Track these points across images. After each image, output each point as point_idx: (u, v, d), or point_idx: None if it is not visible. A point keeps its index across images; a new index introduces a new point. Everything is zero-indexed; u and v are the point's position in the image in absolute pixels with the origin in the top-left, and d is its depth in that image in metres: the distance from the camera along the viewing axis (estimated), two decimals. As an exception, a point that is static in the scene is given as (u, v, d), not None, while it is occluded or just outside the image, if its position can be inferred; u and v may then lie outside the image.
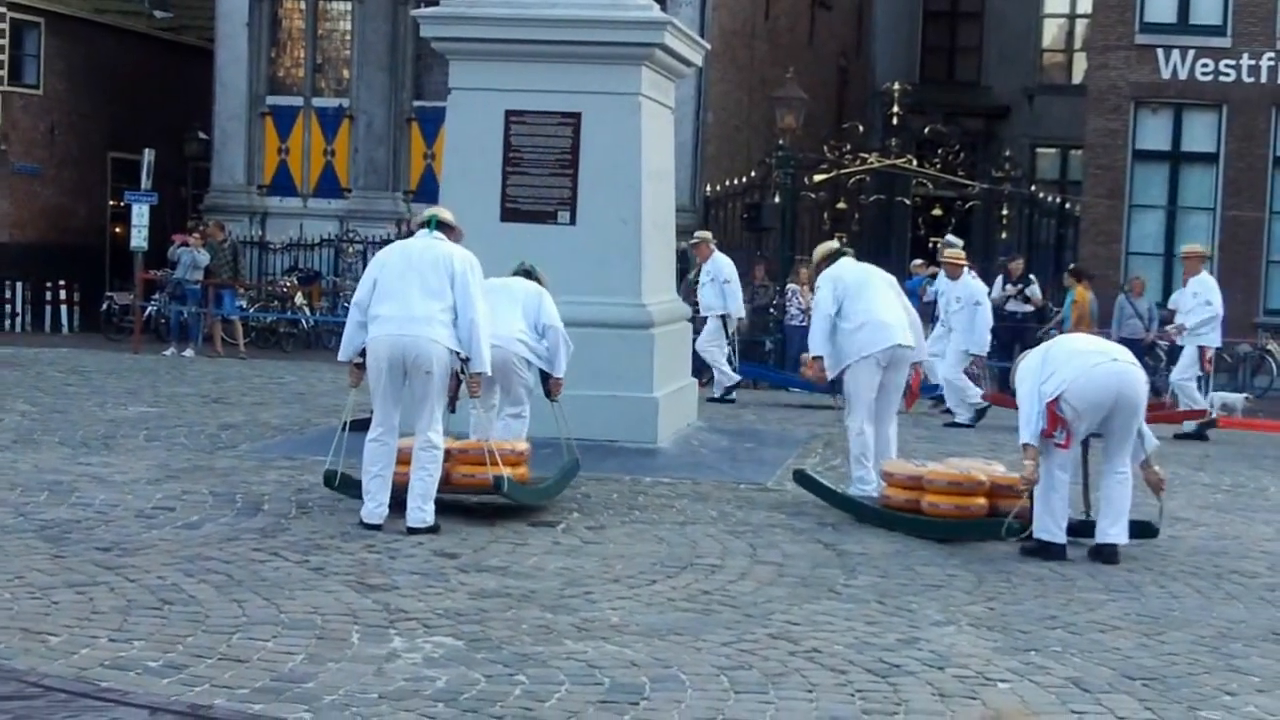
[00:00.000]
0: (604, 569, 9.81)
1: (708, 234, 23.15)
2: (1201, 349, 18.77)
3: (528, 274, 12.61)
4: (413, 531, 10.51)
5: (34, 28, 37.24)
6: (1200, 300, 18.81)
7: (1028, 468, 10.74)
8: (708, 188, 33.46)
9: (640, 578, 9.63)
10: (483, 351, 10.77)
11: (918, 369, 13.83)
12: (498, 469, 11.04)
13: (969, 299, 19.02)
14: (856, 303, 12.71)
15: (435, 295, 10.75)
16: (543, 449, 12.48)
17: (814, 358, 12.89)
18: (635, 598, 9.09)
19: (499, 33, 15.42)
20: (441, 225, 11.30)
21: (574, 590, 9.17)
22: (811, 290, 17.52)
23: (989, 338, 19.44)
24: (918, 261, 28.36)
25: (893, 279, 13.38)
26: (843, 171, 32.57)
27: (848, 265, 13.11)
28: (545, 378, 12.26)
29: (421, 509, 10.66)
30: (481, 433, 11.72)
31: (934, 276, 26.85)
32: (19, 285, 34.91)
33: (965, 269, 19.61)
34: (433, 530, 10.57)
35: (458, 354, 10.72)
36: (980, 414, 18.99)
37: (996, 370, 22.25)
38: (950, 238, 18.65)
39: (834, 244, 13.88)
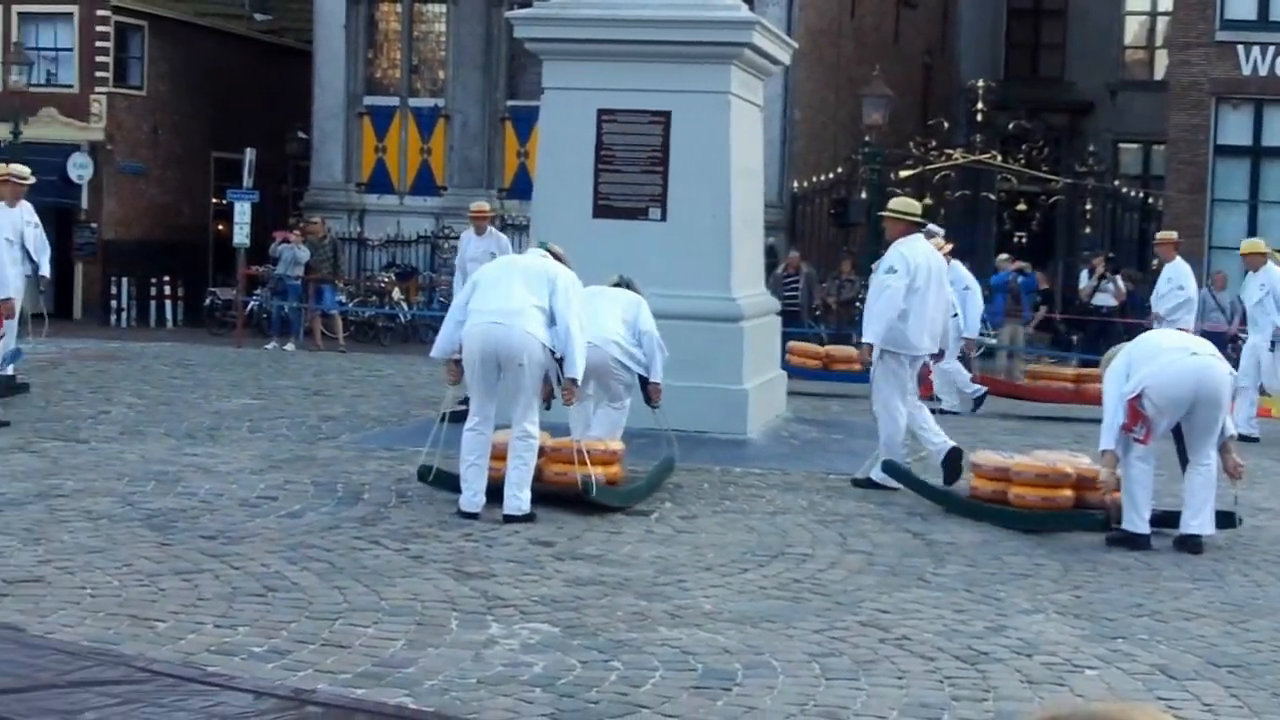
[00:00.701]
0: (696, 557, 9.95)
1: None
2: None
3: (627, 285, 12.76)
4: (509, 520, 10.69)
5: (138, 31, 37.74)
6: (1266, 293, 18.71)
7: (1105, 474, 10.81)
8: (795, 184, 33.50)
9: (732, 566, 9.76)
10: (577, 358, 10.92)
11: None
12: (587, 469, 11.19)
13: (959, 284, 18.97)
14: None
15: (533, 293, 10.94)
16: (639, 439, 12.67)
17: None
18: (727, 585, 9.22)
19: (591, 33, 15.60)
20: (551, 253, 11.50)
21: (667, 578, 9.31)
22: None
23: (979, 323, 19.53)
24: (1004, 256, 28.33)
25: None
26: (928, 167, 32.53)
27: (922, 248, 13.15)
28: (644, 384, 12.41)
29: (518, 497, 10.84)
30: (580, 427, 11.89)
31: (1021, 271, 26.84)
32: (125, 281, 35.41)
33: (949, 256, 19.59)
34: (529, 518, 10.75)
35: (552, 351, 10.88)
36: (979, 402, 18.93)
37: (1078, 362, 22.21)
38: (931, 227, 18.63)
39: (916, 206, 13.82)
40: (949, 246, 19.60)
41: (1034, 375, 20.42)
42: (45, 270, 17.74)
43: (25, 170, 17.67)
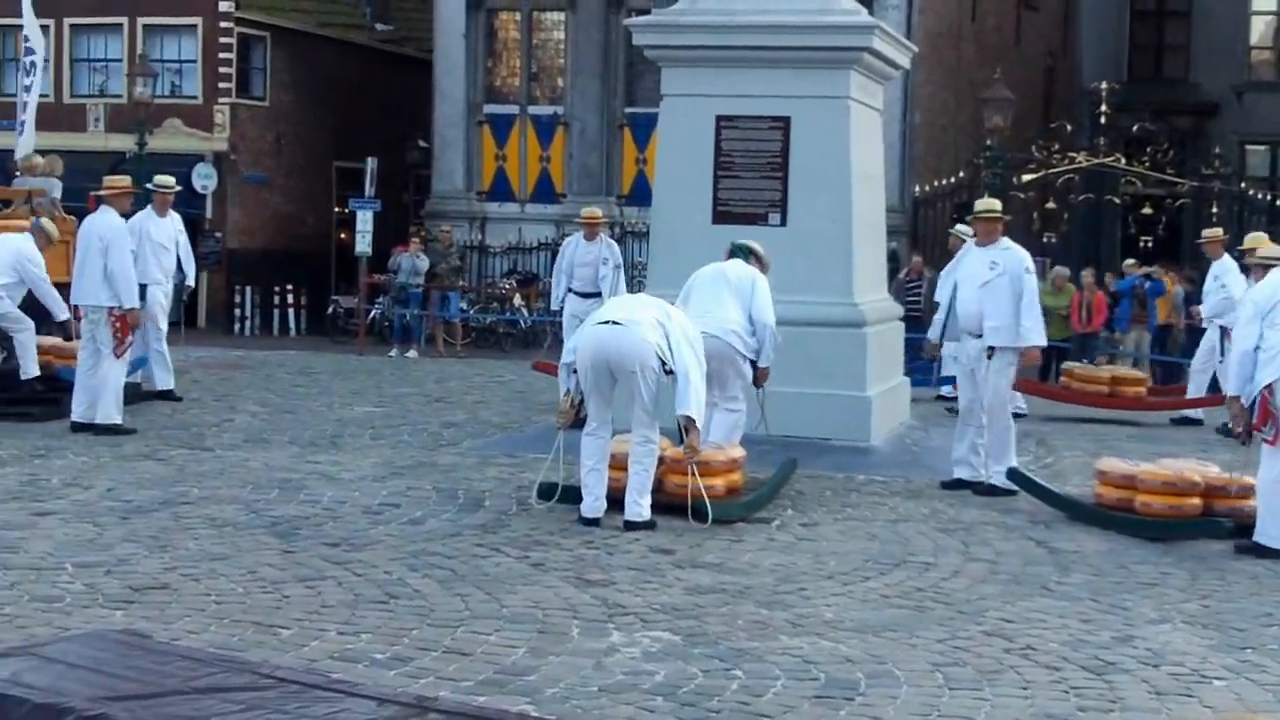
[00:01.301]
0: (818, 566, 9.90)
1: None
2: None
3: (747, 253, 12.66)
4: (630, 526, 10.68)
5: (260, 41, 38.15)
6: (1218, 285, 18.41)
7: (1233, 416, 10.71)
8: (916, 188, 33.30)
9: (854, 574, 9.70)
10: (692, 403, 10.83)
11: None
12: (702, 496, 11.16)
13: None
14: None
15: (648, 304, 10.96)
16: (760, 445, 12.64)
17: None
18: (849, 594, 9.16)
19: (709, 39, 15.59)
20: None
21: (788, 586, 9.27)
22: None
23: None
24: (1130, 261, 27.99)
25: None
26: (1051, 171, 32.21)
27: None
28: (753, 365, 12.40)
29: (638, 504, 10.82)
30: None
31: (1148, 276, 26.47)
32: (249, 290, 35.79)
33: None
34: (649, 526, 10.73)
35: (662, 359, 10.85)
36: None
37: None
38: (961, 227, 18.44)
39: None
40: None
41: (1071, 376, 20.09)
42: (191, 280, 18.16)
43: (170, 180, 18.18)
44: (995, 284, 12.77)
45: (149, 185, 18.20)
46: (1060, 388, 20.07)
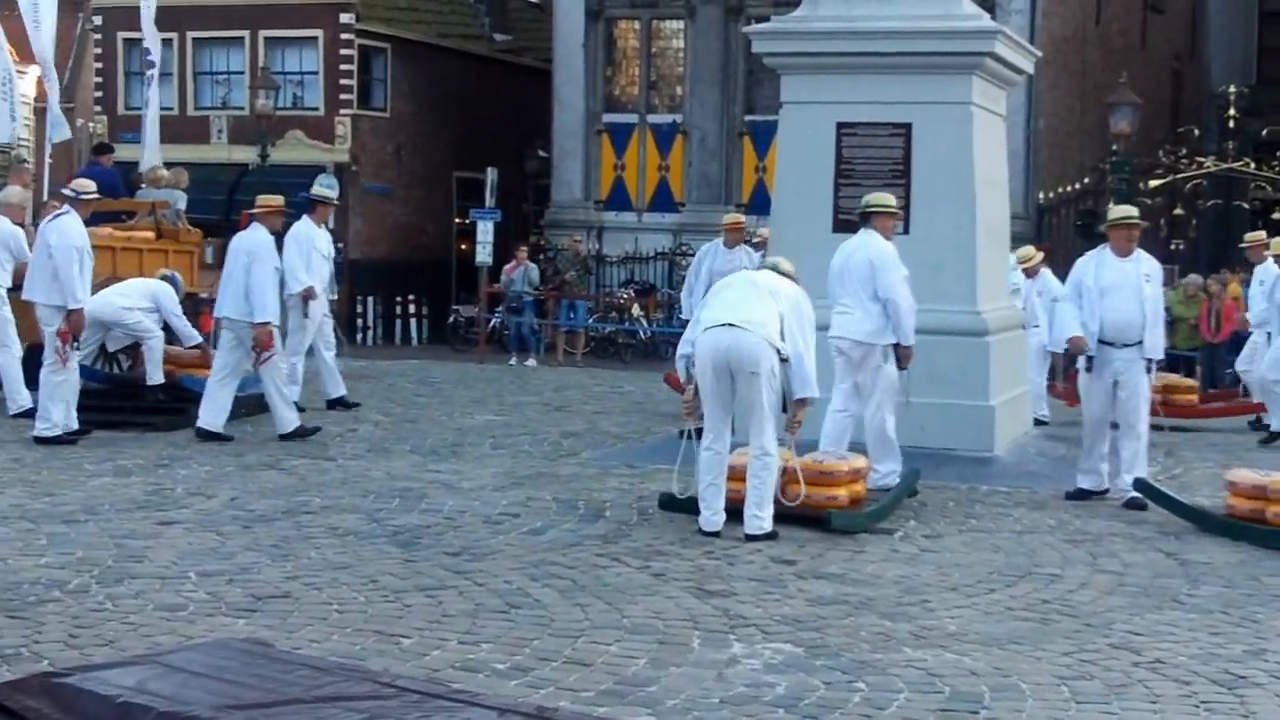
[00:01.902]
0: (941, 577, 9.80)
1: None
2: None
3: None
4: (751, 539, 10.63)
5: (381, 53, 38.48)
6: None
7: None
8: (1041, 195, 33.00)
9: (978, 586, 9.59)
10: (809, 377, 10.85)
11: None
12: (834, 490, 11.09)
13: (1047, 295, 18.38)
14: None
15: (764, 305, 10.83)
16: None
17: None
18: (973, 606, 9.05)
19: (829, 46, 15.51)
20: (781, 271, 11.39)
21: (911, 598, 9.17)
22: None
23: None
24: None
25: None
26: (1178, 176, 31.83)
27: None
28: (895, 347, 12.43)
29: (758, 516, 10.75)
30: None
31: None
32: (370, 300, 36.10)
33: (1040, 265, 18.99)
34: (770, 537, 10.67)
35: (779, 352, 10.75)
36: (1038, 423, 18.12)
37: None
38: (1027, 249, 18.27)
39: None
40: (1040, 255, 19.21)
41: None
42: (335, 292, 18.50)
43: (330, 192, 18.54)
44: (1153, 295, 12.59)
45: (311, 194, 18.42)
46: None
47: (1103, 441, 12.81)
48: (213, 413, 15.22)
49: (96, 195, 15.70)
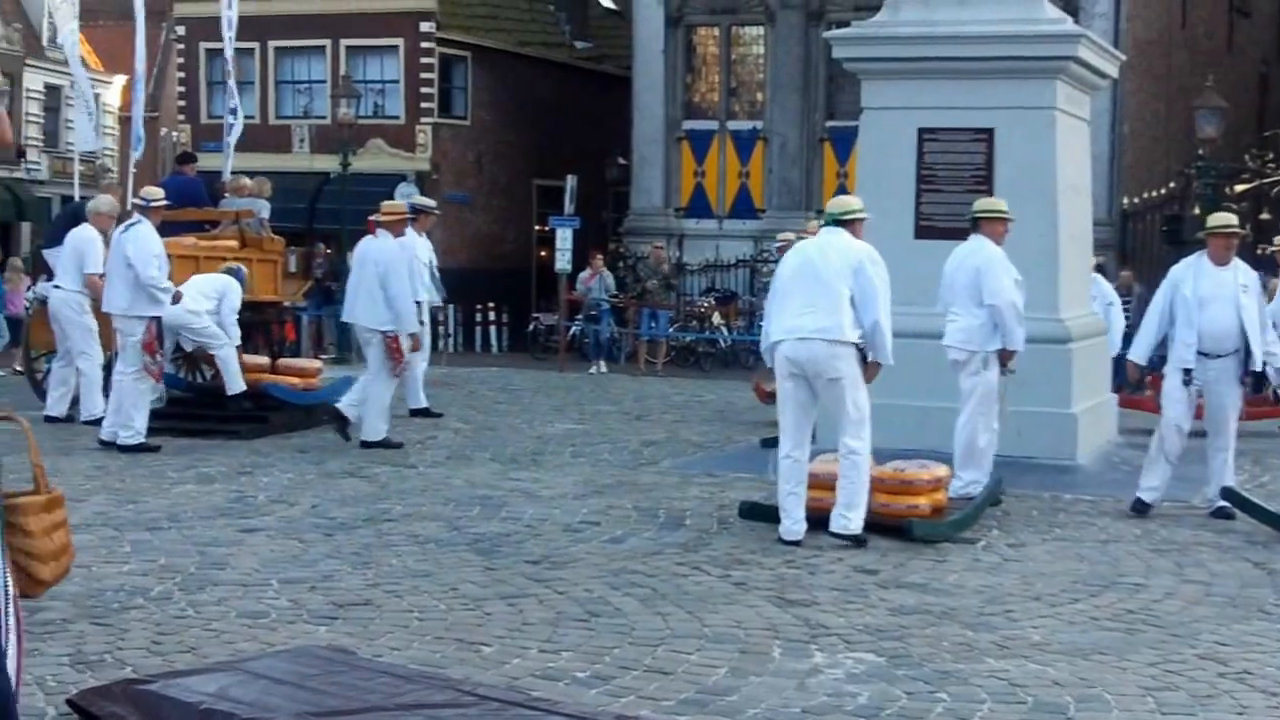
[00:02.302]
0: (1024, 587, 9.71)
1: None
2: None
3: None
4: (836, 537, 10.56)
5: (461, 62, 38.65)
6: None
7: None
8: (1125, 200, 32.73)
9: (1062, 596, 9.50)
10: (886, 345, 10.71)
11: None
12: (915, 499, 11.01)
13: (1101, 300, 18.15)
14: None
15: (832, 299, 10.69)
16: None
17: None
18: (1057, 616, 8.97)
19: (911, 51, 15.44)
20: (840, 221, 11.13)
21: (994, 608, 9.10)
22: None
23: (1119, 340, 18.45)
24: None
25: None
26: (1265, 181, 31.51)
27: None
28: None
29: (845, 516, 10.68)
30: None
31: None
32: (451, 308, 36.22)
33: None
34: (857, 541, 10.59)
35: (859, 347, 10.66)
36: None
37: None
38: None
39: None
40: (1094, 261, 19.05)
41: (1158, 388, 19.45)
42: (438, 299, 18.74)
43: (432, 202, 18.60)
44: (1250, 304, 12.41)
45: (412, 203, 18.59)
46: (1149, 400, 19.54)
47: (1175, 450, 12.58)
48: (376, 422, 15.40)
49: (165, 202, 15.84)
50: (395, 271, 15.41)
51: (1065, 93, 15.42)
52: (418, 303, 17.14)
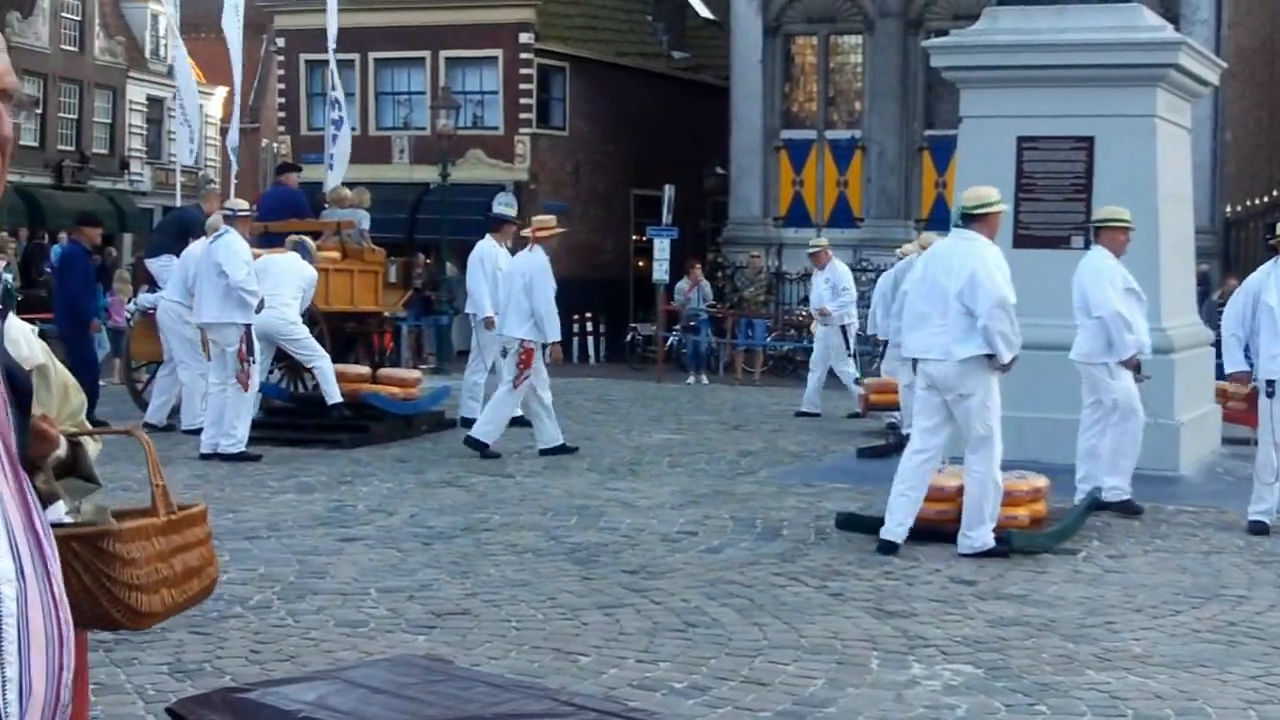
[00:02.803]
0: (1126, 598, 9.63)
1: (824, 241, 22.78)
2: None
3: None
4: (964, 557, 10.58)
5: (560, 73, 38.76)
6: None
7: None
8: (1228, 208, 32.39)
9: (1163, 608, 9.41)
10: (998, 344, 10.60)
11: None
12: (1014, 510, 10.95)
13: None
14: None
15: (958, 313, 10.66)
16: (1061, 474, 12.37)
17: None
18: (1158, 628, 8.89)
19: (1010, 59, 15.36)
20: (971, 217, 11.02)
21: (1095, 619, 9.03)
22: None
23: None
24: None
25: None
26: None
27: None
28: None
29: (967, 535, 10.69)
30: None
31: None
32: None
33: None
34: (992, 553, 10.58)
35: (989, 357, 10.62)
36: None
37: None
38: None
39: None
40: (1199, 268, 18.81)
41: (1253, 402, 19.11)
42: None
43: (511, 213, 18.75)
44: None
45: (494, 214, 18.88)
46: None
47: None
48: (489, 425, 15.72)
49: (249, 211, 16.12)
50: (540, 283, 15.79)
51: (1166, 100, 15.29)
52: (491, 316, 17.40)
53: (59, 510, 4.27)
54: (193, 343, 16.80)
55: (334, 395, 16.39)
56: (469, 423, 17.90)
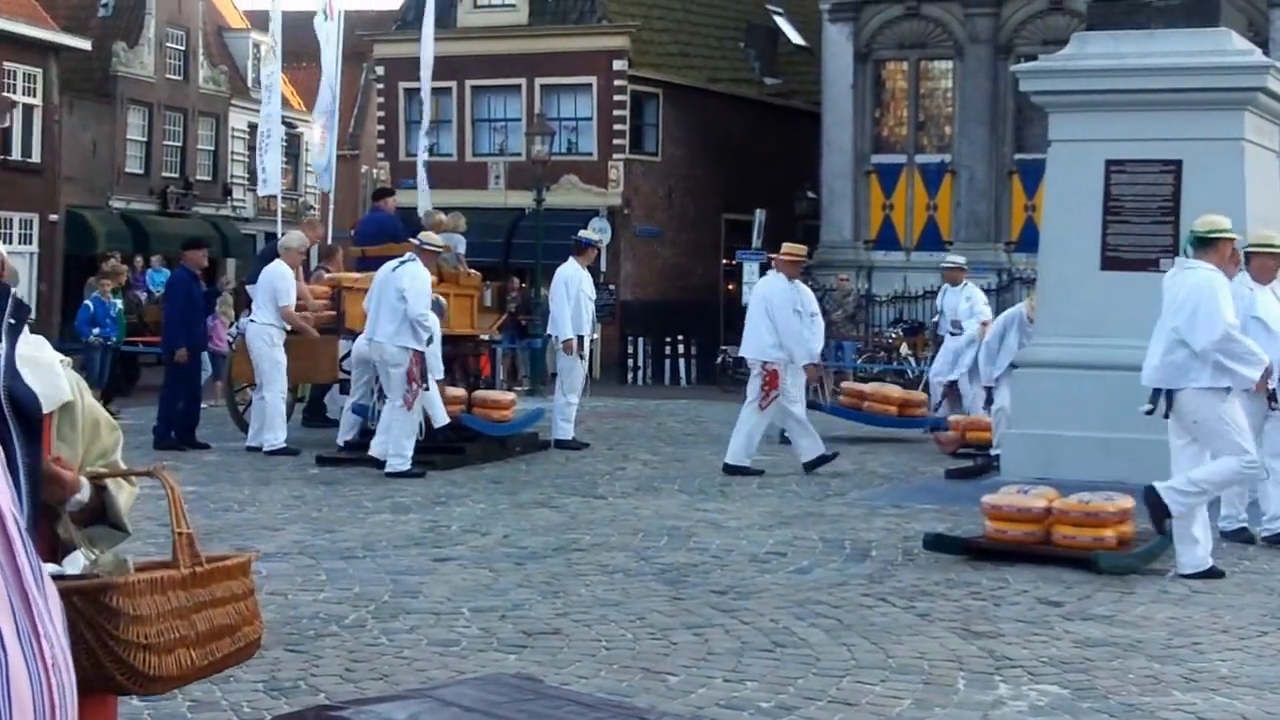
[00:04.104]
0: (1212, 619, 9.63)
1: (961, 259, 22.57)
2: None
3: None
4: (1181, 577, 10.70)
5: (653, 99, 38.96)
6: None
7: None
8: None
9: (1250, 629, 9.40)
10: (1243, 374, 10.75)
11: None
12: (1101, 531, 11.01)
13: None
14: None
15: (1172, 344, 10.82)
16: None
17: None
18: (1245, 649, 8.88)
19: (1098, 84, 15.39)
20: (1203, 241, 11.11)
21: (1182, 640, 9.03)
22: None
23: None
24: None
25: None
26: None
27: None
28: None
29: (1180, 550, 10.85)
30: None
31: None
32: (641, 341, 36.45)
33: None
34: (1210, 574, 10.69)
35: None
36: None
37: None
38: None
39: None
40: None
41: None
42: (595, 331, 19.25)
43: (596, 236, 19.88)
44: None
45: (575, 237, 19.06)
46: None
47: None
48: (739, 447, 16.28)
49: (440, 248, 16.49)
50: (782, 307, 16.13)
51: (1254, 123, 15.28)
52: (580, 336, 17.63)
53: (78, 562, 3.91)
54: (280, 364, 17.15)
55: (440, 418, 16.58)
56: (562, 444, 18.11)
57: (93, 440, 4.04)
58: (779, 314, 16.05)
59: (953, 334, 20.58)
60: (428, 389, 15.90)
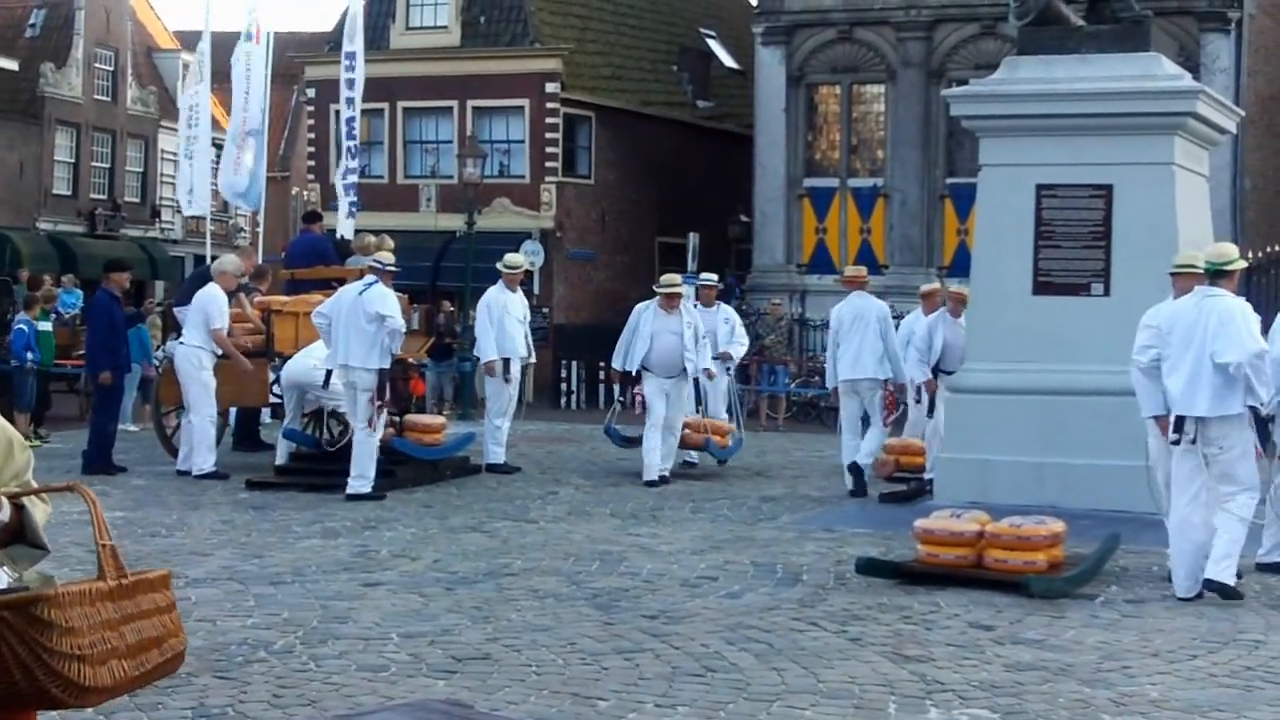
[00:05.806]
0: (1143, 643, 9.66)
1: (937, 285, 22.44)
2: None
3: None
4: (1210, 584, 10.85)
5: (585, 121, 38.96)
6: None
7: None
8: (1249, 255, 32.36)
9: (1180, 653, 9.44)
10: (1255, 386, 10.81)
11: None
12: (1033, 555, 11.05)
13: None
14: None
15: (1216, 373, 10.84)
16: (1081, 520, 12.41)
17: None
18: (1175, 673, 8.92)
19: (1029, 108, 15.48)
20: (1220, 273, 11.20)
21: (1112, 664, 9.06)
22: None
23: None
24: None
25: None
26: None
27: None
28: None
29: (1215, 564, 10.89)
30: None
31: None
32: (574, 365, 36.38)
33: None
34: (1224, 592, 10.80)
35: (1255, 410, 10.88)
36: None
37: None
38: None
39: None
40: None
41: None
42: (533, 356, 19.21)
43: (520, 260, 19.68)
44: None
45: (498, 265, 18.97)
46: None
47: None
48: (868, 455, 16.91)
49: (396, 268, 16.59)
50: (888, 325, 17.00)
51: (1184, 148, 15.39)
52: (506, 360, 17.59)
53: (1, 580, 4.00)
54: (209, 388, 17.04)
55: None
56: (494, 468, 18.04)
57: (6, 460, 4.08)
58: (888, 333, 17.29)
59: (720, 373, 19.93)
60: (384, 408, 15.85)
